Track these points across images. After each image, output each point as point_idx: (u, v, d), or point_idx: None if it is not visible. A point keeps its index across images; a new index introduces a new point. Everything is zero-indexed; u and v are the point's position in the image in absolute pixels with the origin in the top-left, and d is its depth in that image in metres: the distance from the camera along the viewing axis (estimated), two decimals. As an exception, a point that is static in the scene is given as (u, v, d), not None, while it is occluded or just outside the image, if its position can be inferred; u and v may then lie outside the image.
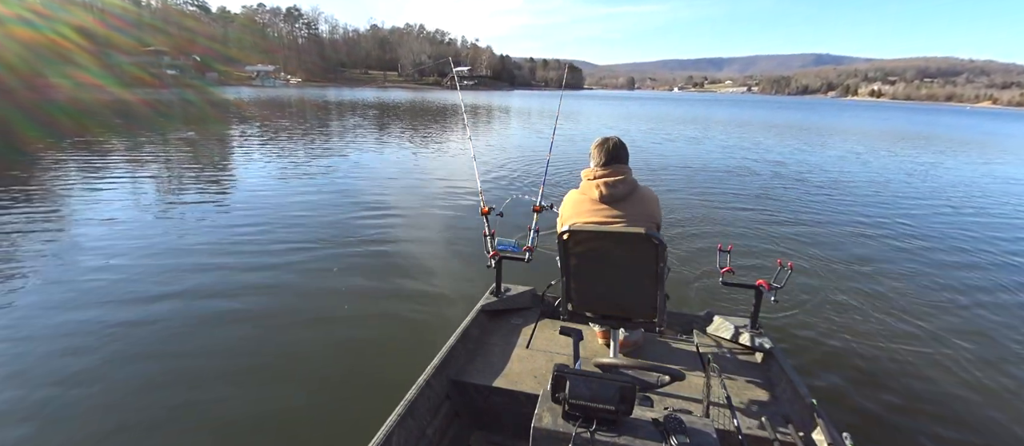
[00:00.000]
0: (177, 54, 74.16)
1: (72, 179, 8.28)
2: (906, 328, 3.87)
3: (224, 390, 2.74)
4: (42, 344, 3.22)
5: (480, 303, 2.74)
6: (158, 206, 6.84)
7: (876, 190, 9.83)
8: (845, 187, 10.03)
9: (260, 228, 5.74)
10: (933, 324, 3.95)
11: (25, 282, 4.15)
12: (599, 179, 2.09)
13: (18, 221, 5.78)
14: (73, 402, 2.68)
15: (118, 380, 2.84)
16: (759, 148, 16.90)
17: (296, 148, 12.60)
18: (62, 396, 2.72)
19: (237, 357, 3.08)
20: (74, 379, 2.86)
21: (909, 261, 5.46)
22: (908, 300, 4.39)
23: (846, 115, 52.53)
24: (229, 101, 35.37)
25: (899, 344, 3.61)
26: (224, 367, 2.96)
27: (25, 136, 13.42)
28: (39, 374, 2.92)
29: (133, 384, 2.80)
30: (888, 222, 7.22)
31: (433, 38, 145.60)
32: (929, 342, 3.67)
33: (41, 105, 24.78)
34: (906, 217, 7.61)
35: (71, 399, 2.70)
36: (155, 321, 3.50)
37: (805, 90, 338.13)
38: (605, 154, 2.14)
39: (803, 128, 28.08)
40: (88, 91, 41.02)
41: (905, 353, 3.49)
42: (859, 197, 9.05)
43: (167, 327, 3.44)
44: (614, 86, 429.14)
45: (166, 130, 16.14)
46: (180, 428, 2.47)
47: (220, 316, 3.60)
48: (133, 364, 3.00)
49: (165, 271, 4.40)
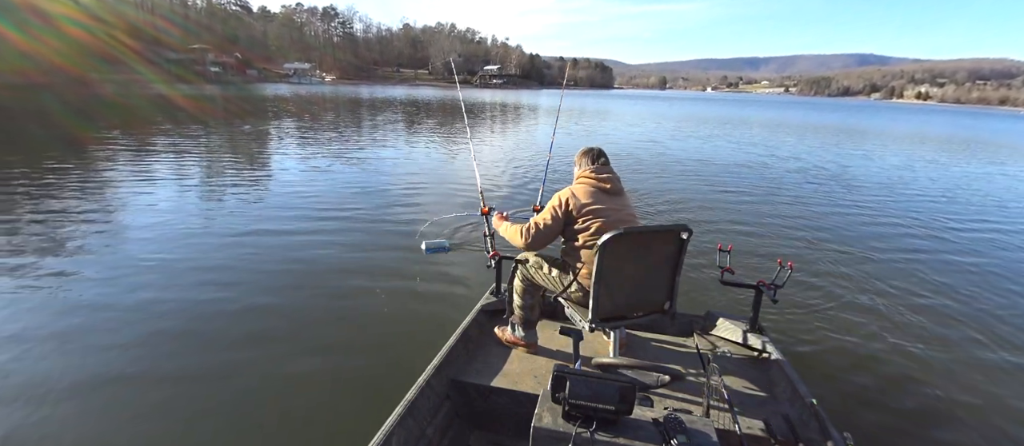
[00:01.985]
0: (219, 52, 77.25)
1: (121, 168, 8.98)
2: (907, 328, 3.89)
3: (223, 389, 2.71)
4: (79, 318, 3.41)
5: (480, 303, 2.74)
6: (190, 194, 7.24)
7: (885, 191, 9.80)
8: (852, 187, 10.00)
9: (262, 224, 5.70)
10: (934, 325, 3.98)
11: (71, 260, 4.46)
12: (605, 176, 2.26)
13: (72, 205, 6.31)
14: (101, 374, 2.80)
15: (93, 373, 2.83)
16: (765, 146, 16.84)
17: (314, 146, 12.75)
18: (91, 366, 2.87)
19: (235, 355, 3.03)
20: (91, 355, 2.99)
21: (911, 262, 5.50)
22: (909, 300, 4.42)
23: (880, 116, 50.63)
24: (267, 97, 36.81)
25: (900, 344, 3.64)
26: (222, 366, 2.93)
27: (77, 129, 14.38)
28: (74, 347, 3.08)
29: (125, 376, 2.79)
30: (892, 223, 7.24)
31: (463, 37, 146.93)
32: (930, 342, 3.70)
33: (92, 100, 26.49)
34: (910, 218, 7.63)
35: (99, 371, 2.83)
36: (156, 317, 3.51)
37: (846, 92, 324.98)
38: (599, 156, 2.35)
39: (824, 128, 27.49)
40: (136, 87, 43.37)
41: (906, 353, 3.52)
42: (865, 198, 9.03)
43: (166, 322, 3.43)
44: (645, 86, 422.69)
45: (208, 125, 17.04)
46: (172, 422, 2.45)
47: (218, 314, 3.58)
48: (116, 352, 3.01)
49: (169, 266, 4.43)
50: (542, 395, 1.40)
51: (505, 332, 2.48)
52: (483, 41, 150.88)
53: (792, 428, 1.87)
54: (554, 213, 2.18)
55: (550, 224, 2.19)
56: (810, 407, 1.98)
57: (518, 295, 2.38)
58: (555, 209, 2.19)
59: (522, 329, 2.41)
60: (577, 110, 36.58)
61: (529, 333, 2.42)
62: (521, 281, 2.38)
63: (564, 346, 2.45)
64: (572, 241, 2.21)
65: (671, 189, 8.96)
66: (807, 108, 70.14)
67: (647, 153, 13.95)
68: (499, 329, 2.53)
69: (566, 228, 2.21)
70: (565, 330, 2.07)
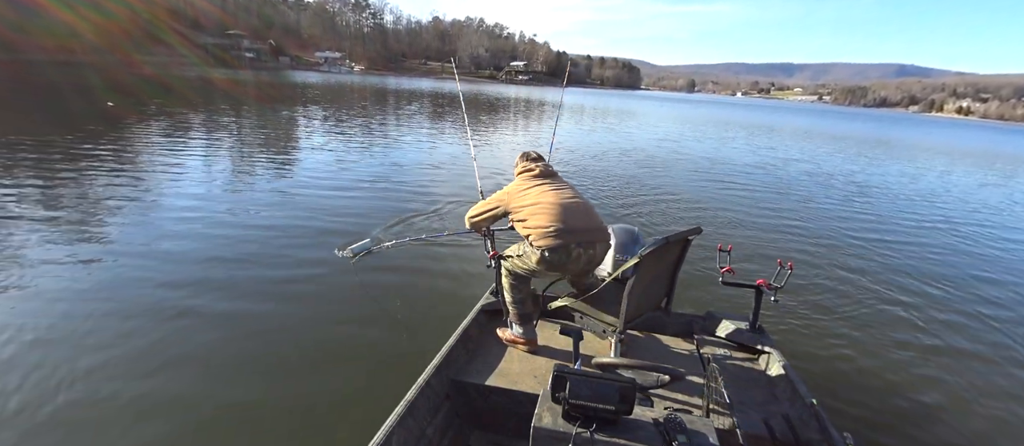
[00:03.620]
0: (255, 38, 79.40)
1: (156, 142, 9.63)
2: (907, 329, 3.94)
3: (222, 388, 2.72)
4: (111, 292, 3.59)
5: (480, 303, 2.75)
6: (217, 177, 7.43)
7: (891, 197, 9.94)
8: (857, 192, 10.17)
9: (265, 220, 5.54)
10: (935, 325, 4.03)
11: (102, 230, 4.77)
12: (535, 165, 2.49)
13: (104, 177, 6.72)
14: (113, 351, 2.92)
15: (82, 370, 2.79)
16: (773, 150, 16.99)
17: (330, 135, 12.72)
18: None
19: (233, 354, 3.01)
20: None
21: (911, 263, 5.61)
22: (910, 302, 4.48)
23: (911, 128, 49.43)
24: (297, 84, 37.87)
25: (900, 344, 3.67)
26: (220, 365, 2.90)
27: (117, 105, 15.14)
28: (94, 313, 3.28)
29: (122, 371, 2.78)
30: (894, 226, 7.40)
31: (491, 32, 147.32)
32: (931, 343, 3.73)
33: (133, 79, 27.80)
34: (913, 222, 7.80)
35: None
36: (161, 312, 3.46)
37: (883, 103, 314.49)
38: (535, 158, 2.54)
39: (846, 137, 27.20)
40: (176, 68, 45.09)
41: (906, 354, 3.55)
42: (869, 202, 9.17)
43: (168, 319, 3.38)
44: (673, 88, 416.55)
45: (242, 108, 17.86)
46: (169, 421, 2.44)
47: (213, 312, 3.51)
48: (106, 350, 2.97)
49: (186, 251, 4.47)
50: (542, 395, 1.40)
51: (505, 332, 2.53)
52: (511, 37, 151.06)
53: (792, 428, 1.87)
54: (497, 199, 2.48)
55: (492, 204, 2.47)
56: (810, 407, 1.98)
57: (507, 292, 2.45)
58: (495, 203, 2.48)
59: (519, 326, 2.45)
60: (600, 109, 36.74)
61: (527, 329, 2.46)
62: (506, 276, 2.45)
63: (564, 346, 2.46)
64: (520, 221, 2.38)
65: (674, 188, 9.07)
66: (837, 117, 68.61)
67: (658, 152, 14.25)
68: (500, 330, 2.58)
69: (513, 215, 2.41)
70: (565, 330, 2.09)
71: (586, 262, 2.29)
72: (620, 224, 2.95)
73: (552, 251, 2.20)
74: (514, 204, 2.38)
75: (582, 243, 2.24)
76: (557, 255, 2.21)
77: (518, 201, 2.37)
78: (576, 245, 2.22)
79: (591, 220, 2.33)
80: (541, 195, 2.33)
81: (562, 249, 2.20)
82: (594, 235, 2.30)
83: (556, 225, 2.21)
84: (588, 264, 2.32)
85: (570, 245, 2.21)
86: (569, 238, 2.21)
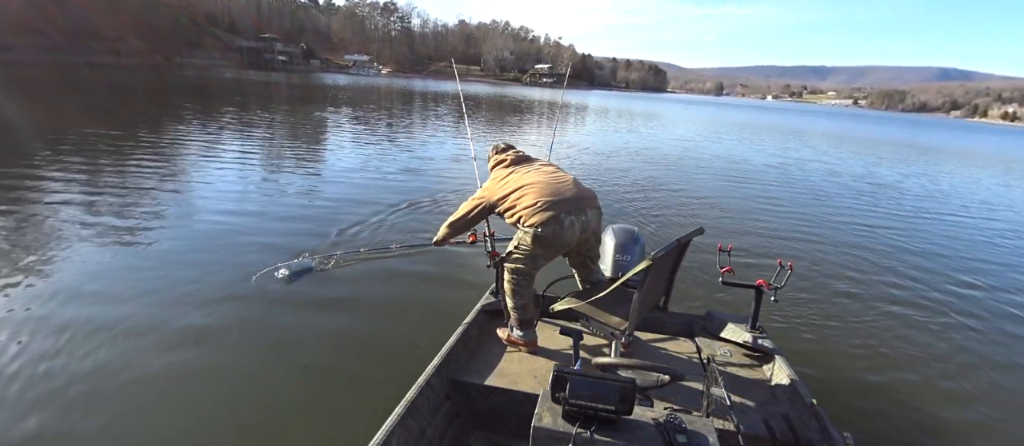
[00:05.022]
0: (287, 41, 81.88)
1: (194, 138, 10.30)
2: (907, 329, 3.95)
3: (222, 387, 2.71)
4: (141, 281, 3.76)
5: (480, 303, 2.76)
6: (252, 172, 7.89)
7: (896, 198, 9.87)
8: (862, 193, 10.10)
9: (259, 222, 5.50)
10: (935, 325, 4.05)
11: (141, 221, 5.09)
12: (507, 154, 2.54)
13: (147, 171, 7.21)
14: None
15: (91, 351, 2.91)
16: (782, 151, 16.87)
17: (344, 137, 12.88)
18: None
19: (233, 353, 3.02)
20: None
21: (912, 263, 5.64)
22: (911, 302, 4.50)
23: (944, 134, 47.15)
24: (326, 86, 39.01)
25: (900, 345, 3.68)
26: (220, 363, 2.92)
27: (161, 103, 16.32)
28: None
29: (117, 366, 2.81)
30: (894, 226, 7.43)
31: (517, 35, 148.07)
32: (931, 343, 3.75)
33: (173, 80, 29.31)
34: (913, 221, 7.84)
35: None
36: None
37: (923, 107, 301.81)
38: (505, 149, 2.59)
39: (870, 141, 26.63)
40: (213, 71, 46.98)
41: (906, 354, 3.56)
42: (872, 204, 9.12)
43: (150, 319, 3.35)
44: (700, 91, 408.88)
45: (274, 109, 18.66)
46: (168, 416, 2.47)
47: (218, 306, 3.54)
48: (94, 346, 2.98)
49: (205, 241, 4.68)
50: (542, 395, 1.41)
51: (505, 332, 2.53)
52: (536, 40, 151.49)
53: (792, 428, 1.88)
54: (478, 198, 2.48)
55: (471, 205, 2.46)
56: (810, 407, 1.99)
57: (509, 296, 2.41)
58: (477, 201, 2.48)
59: (520, 329, 2.44)
60: (625, 112, 36.84)
61: (528, 332, 2.45)
62: (509, 280, 2.40)
63: (564, 346, 2.47)
64: (508, 210, 2.38)
65: (676, 188, 9.12)
66: (870, 121, 66.39)
67: (671, 152, 14.39)
68: (500, 330, 2.58)
69: (499, 209, 2.41)
70: (565, 330, 2.09)
71: (581, 229, 2.31)
72: (620, 224, 2.95)
73: (544, 225, 2.22)
74: (497, 196, 2.40)
75: (572, 210, 2.26)
76: (550, 228, 2.23)
77: (500, 192, 2.39)
78: (566, 214, 2.24)
79: (577, 188, 2.35)
80: (522, 178, 2.37)
81: (554, 221, 2.22)
82: (583, 202, 2.31)
83: (543, 199, 2.24)
84: (583, 231, 2.32)
85: (561, 215, 2.23)
86: (558, 209, 2.23)
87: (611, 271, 2.68)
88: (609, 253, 2.73)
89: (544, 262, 2.41)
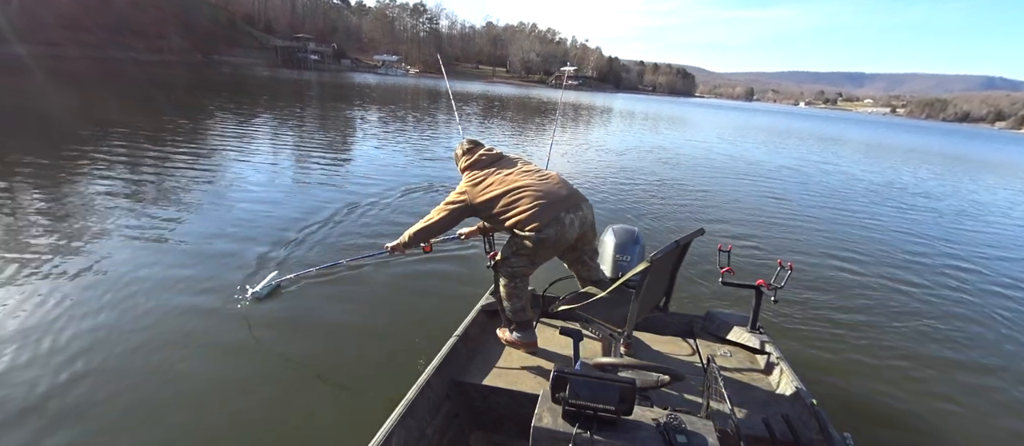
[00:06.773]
0: (320, 41, 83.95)
1: (230, 133, 10.73)
2: (908, 329, 3.99)
3: (221, 386, 2.70)
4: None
5: (480, 303, 2.76)
6: (283, 169, 8.08)
7: (898, 201, 9.89)
8: (865, 196, 10.14)
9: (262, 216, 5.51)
10: (935, 325, 4.09)
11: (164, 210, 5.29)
12: (479, 154, 2.45)
13: (181, 163, 7.52)
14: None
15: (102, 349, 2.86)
16: (791, 153, 16.92)
17: (354, 136, 12.99)
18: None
19: (231, 353, 2.99)
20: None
21: (914, 266, 5.69)
22: (911, 302, 4.56)
23: (970, 143, 45.50)
24: (355, 85, 39.91)
25: (900, 345, 3.72)
26: (220, 363, 2.89)
27: (199, 99, 17.00)
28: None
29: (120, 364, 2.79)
30: (894, 226, 7.51)
31: (543, 37, 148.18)
32: (931, 344, 3.78)
33: (210, 79, 30.50)
34: (913, 221, 7.92)
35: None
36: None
37: (965, 117, 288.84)
38: (473, 148, 2.49)
39: (881, 146, 26.24)
40: (248, 69, 48.62)
41: (906, 354, 3.60)
42: (874, 206, 9.16)
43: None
44: (730, 96, 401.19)
45: (306, 107, 19.29)
46: (167, 416, 2.44)
47: (219, 304, 3.53)
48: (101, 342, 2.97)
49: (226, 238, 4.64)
50: (542, 395, 1.42)
51: (505, 333, 2.51)
52: (562, 42, 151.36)
53: (792, 428, 1.87)
54: (453, 202, 2.38)
55: (445, 211, 2.37)
56: (810, 407, 1.99)
57: (506, 300, 2.39)
58: (453, 206, 2.37)
59: (520, 330, 2.42)
60: (651, 115, 36.73)
61: (528, 332, 2.43)
62: (505, 285, 2.37)
63: (564, 346, 2.44)
64: (498, 217, 2.29)
65: (678, 187, 9.21)
66: (905, 130, 64.26)
67: (689, 154, 14.56)
68: (500, 330, 2.55)
69: (485, 214, 2.34)
70: (565, 330, 2.09)
71: (581, 225, 2.29)
72: (620, 224, 2.96)
73: (546, 227, 2.18)
74: (479, 200, 2.29)
75: (570, 208, 2.25)
76: (553, 229, 2.19)
77: (482, 196, 2.29)
78: (565, 213, 2.22)
79: (565, 185, 2.33)
80: (507, 181, 2.28)
81: (555, 222, 2.20)
82: (575, 197, 2.31)
83: (540, 202, 2.20)
84: (582, 226, 2.31)
85: (561, 215, 2.21)
86: (557, 209, 2.21)
87: (611, 271, 2.70)
88: (609, 253, 2.75)
89: (542, 262, 2.38)
